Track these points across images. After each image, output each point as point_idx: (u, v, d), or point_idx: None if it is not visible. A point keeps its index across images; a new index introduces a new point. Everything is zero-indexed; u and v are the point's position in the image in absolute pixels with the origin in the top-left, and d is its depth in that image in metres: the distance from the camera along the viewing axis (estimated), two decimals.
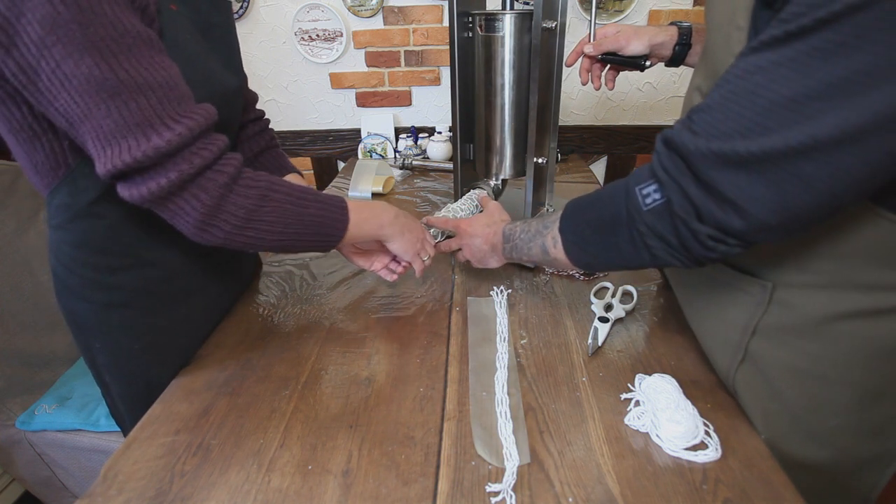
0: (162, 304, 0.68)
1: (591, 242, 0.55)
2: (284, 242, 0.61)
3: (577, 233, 0.57)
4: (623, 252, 0.51)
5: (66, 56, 0.44)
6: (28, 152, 0.56)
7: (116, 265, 0.64)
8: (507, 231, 0.70)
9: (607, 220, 0.52)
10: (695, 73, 0.63)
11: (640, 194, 0.47)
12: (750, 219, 0.41)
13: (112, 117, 0.48)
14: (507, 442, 0.56)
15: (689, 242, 0.45)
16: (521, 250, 0.67)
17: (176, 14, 0.57)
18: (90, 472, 1.15)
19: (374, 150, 1.64)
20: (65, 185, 0.58)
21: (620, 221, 0.50)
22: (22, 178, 1.18)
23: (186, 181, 0.52)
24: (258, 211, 0.57)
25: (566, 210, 0.59)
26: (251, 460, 0.56)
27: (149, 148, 0.49)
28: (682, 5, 1.48)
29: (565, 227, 0.59)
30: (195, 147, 0.52)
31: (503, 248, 0.71)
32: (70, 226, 0.61)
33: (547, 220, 0.63)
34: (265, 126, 0.87)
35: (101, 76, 0.46)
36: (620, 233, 0.50)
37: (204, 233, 0.55)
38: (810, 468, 0.56)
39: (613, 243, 0.52)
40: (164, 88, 0.50)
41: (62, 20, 0.43)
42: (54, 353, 1.20)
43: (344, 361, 0.71)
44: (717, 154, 0.40)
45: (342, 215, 0.65)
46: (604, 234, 0.53)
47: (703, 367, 0.66)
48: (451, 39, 0.88)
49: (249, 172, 0.58)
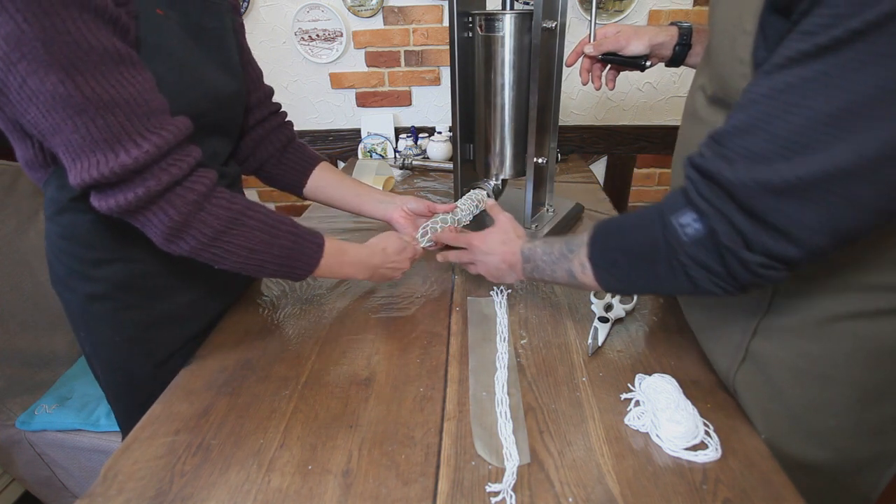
0: (144, 299, 0.69)
1: (626, 271, 0.53)
2: (249, 266, 0.63)
3: (608, 260, 0.55)
4: (662, 281, 0.49)
5: (31, 73, 0.45)
6: (21, 149, 0.58)
7: (99, 258, 0.65)
8: (527, 251, 0.67)
9: (643, 249, 0.50)
10: (697, 73, 0.63)
11: (677, 224, 0.45)
12: (804, 245, 0.39)
13: (79, 133, 0.48)
14: (507, 442, 0.56)
15: (738, 271, 0.43)
16: (543, 272, 0.65)
17: (162, 19, 0.57)
18: (90, 472, 1.15)
19: (374, 150, 1.64)
20: (53, 179, 0.60)
21: (658, 252, 0.48)
22: (22, 178, 1.18)
23: (154, 196, 0.53)
24: (226, 233, 0.58)
25: (594, 236, 0.57)
26: (251, 460, 0.56)
27: (116, 165, 0.50)
28: (682, 5, 1.48)
29: (595, 254, 0.56)
30: (164, 163, 0.53)
31: (523, 268, 0.68)
32: (58, 218, 0.63)
33: (571, 243, 0.60)
34: (283, 119, 0.87)
35: (65, 93, 0.46)
36: (659, 263, 0.48)
37: (171, 244, 0.57)
38: (810, 468, 0.56)
39: (651, 272, 0.50)
40: (130, 105, 0.50)
41: (26, 38, 0.43)
42: (54, 353, 1.20)
43: (344, 361, 0.71)
44: (762, 184, 0.39)
45: (315, 252, 0.67)
46: (640, 263, 0.51)
47: (703, 367, 0.66)
48: (451, 39, 0.88)
49: (225, 194, 0.59)
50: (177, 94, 0.57)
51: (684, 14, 1.48)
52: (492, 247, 0.72)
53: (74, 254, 0.65)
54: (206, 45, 0.65)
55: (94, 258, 0.65)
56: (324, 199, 0.89)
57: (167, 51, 0.57)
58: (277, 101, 0.86)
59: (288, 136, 0.86)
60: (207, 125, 0.65)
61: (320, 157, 0.90)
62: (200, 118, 0.62)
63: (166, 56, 0.57)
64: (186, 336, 0.76)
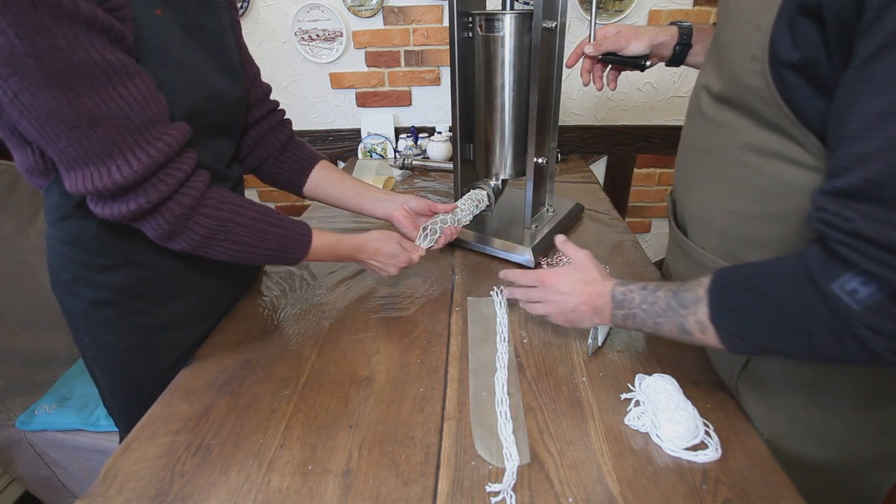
0: (149, 304, 0.69)
1: (768, 341, 0.47)
2: (241, 260, 0.66)
3: (741, 326, 0.48)
4: (820, 353, 0.44)
5: (23, 88, 0.45)
6: (20, 156, 0.58)
7: (104, 264, 0.65)
8: (620, 296, 0.59)
9: (794, 320, 0.44)
10: (701, 73, 0.63)
11: (843, 293, 0.40)
12: None
13: (73, 147, 0.49)
14: (507, 442, 0.56)
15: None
16: (642, 322, 0.57)
17: (161, 19, 0.57)
18: (90, 472, 1.15)
19: (374, 150, 1.64)
20: (55, 186, 0.60)
21: (819, 324, 0.42)
22: (22, 178, 1.18)
23: (145, 211, 0.55)
24: (214, 238, 0.61)
25: (715, 295, 0.49)
26: (251, 460, 0.56)
27: (108, 181, 0.51)
28: (682, 5, 1.48)
29: (720, 315, 0.49)
30: (155, 179, 0.55)
31: (612, 315, 0.60)
32: (62, 224, 0.63)
33: (682, 295, 0.53)
34: (282, 117, 0.86)
35: (58, 109, 0.47)
36: (819, 335, 0.43)
37: (166, 243, 0.60)
38: (813, 468, 0.56)
39: (806, 344, 0.44)
40: (122, 119, 0.50)
41: (17, 53, 0.43)
42: (54, 353, 1.20)
43: (344, 361, 0.71)
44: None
45: (302, 247, 0.71)
46: (790, 334, 0.45)
47: (703, 367, 0.66)
48: (451, 39, 0.88)
49: (215, 198, 0.61)
50: (178, 96, 0.57)
51: (684, 14, 1.48)
52: (571, 287, 0.63)
53: (79, 259, 0.64)
54: (205, 45, 0.64)
55: (99, 264, 0.64)
56: (323, 197, 0.89)
57: (167, 52, 0.57)
58: (276, 99, 0.86)
59: (287, 134, 0.86)
60: (210, 126, 0.65)
61: (320, 156, 0.89)
62: (202, 119, 0.62)
63: (167, 57, 0.57)
64: (191, 340, 0.75)
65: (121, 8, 0.51)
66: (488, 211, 0.99)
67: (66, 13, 0.44)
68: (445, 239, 0.86)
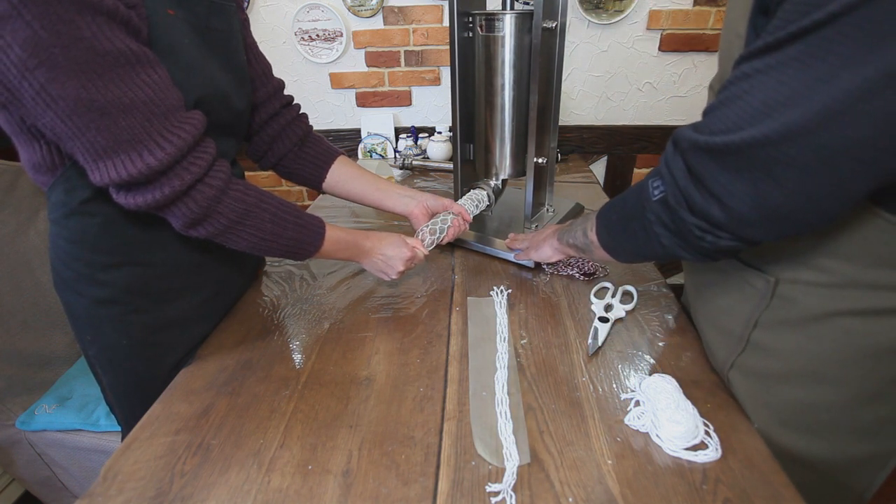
0: (152, 302, 0.69)
1: (615, 227, 0.62)
2: (257, 250, 0.67)
3: (606, 218, 0.64)
4: (638, 239, 0.57)
5: (51, 80, 0.45)
6: (27, 152, 0.58)
7: (108, 262, 0.65)
8: (567, 224, 0.79)
9: (629, 209, 0.58)
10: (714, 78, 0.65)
11: (651, 186, 0.52)
12: (729, 212, 0.44)
13: (103, 135, 0.49)
14: (507, 442, 0.56)
15: (685, 233, 0.49)
16: (570, 233, 0.75)
17: (173, 19, 0.57)
18: (90, 472, 1.15)
19: (374, 150, 1.64)
20: (60, 183, 0.60)
21: (637, 210, 0.55)
22: (22, 178, 1.18)
23: (179, 194, 0.55)
24: (240, 223, 0.62)
25: (597, 216, 0.67)
26: (251, 460, 0.56)
27: (143, 166, 0.51)
28: (681, 5, 1.47)
29: (600, 213, 0.66)
30: (185, 162, 0.55)
31: (559, 232, 0.79)
32: (65, 222, 0.63)
33: (586, 225, 0.70)
34: (297, 112, 0.86)
35: (88, 97, 0.47)
36: (636, 221, 0.56)
37: (190, 230, 0.60)
38: (804, 462, 0.57)
39: (630, 230, 0.58)
40: (149, 105, 0.51)
41: (44, 44, 0.43)
42: (54, 353, 1.20)
43: (344, 361, 0.71)
44: (702, 146, 0.45)
45: (317, 240, 0.72)
46: (624, 221, 0.59)
47: (703, 367, 0.66)
48: (451, 39, 0.88)
49: (240, 185, 0.62)
50: (186, 94, 0.57)
51: (684, 14, 1.48)
52: (542, 231, 0.87)
53: (82, 258, 0.64)
54: (214, 46, 0.65)
55: (103, 262, 0.64)
56: (343, 193, 0.88)
57: (178, 51, 0.57)
58: (290, 94, 0.85)
59: (304, 129, 0.85)
60: (215, 125, 0.65)
61: (339, 151, 0.89)
62: (208, 118, 0.62)
63: (178, 56, 0.57)
64: (194, 339, 0.75)
65: (136, 6, 0.51)
66: (488, 211, 0.99)
67: (89, 4, 0.45)
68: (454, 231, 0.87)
